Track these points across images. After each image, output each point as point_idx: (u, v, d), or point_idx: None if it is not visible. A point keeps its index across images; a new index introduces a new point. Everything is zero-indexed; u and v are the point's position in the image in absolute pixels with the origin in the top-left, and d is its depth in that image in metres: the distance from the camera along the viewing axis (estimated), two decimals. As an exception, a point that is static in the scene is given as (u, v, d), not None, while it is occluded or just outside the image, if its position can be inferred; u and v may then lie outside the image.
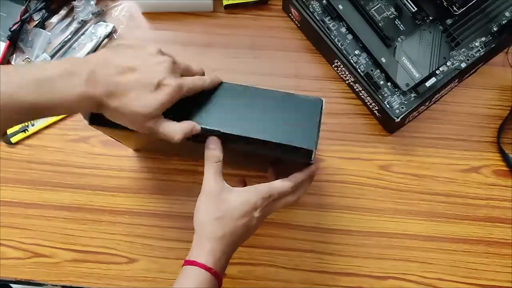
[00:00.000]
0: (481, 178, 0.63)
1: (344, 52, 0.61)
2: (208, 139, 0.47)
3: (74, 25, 0.68)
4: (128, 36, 0.68)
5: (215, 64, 0.66)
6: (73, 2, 0.68)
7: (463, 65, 0.60)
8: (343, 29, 0.61)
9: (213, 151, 0.46)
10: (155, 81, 0.42)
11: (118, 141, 0.60)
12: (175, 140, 0.44)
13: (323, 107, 0.47)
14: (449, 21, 0.60)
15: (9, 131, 0.65)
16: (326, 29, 0.61)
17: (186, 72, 0.47)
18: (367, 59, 0.60)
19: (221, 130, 0.46)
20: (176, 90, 0.43)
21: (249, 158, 0.54)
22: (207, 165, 0.46)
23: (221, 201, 0.44)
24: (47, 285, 0.62)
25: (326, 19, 0.62)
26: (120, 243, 0.62)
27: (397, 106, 0.59)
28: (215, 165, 0.46)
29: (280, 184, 0.46)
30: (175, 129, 0.44)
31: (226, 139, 0.47)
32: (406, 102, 0.59)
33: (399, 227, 0.62)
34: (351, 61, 0.61)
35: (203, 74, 0.50)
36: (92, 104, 0.42)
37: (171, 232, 0.62)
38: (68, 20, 0.68)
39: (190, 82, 0.45)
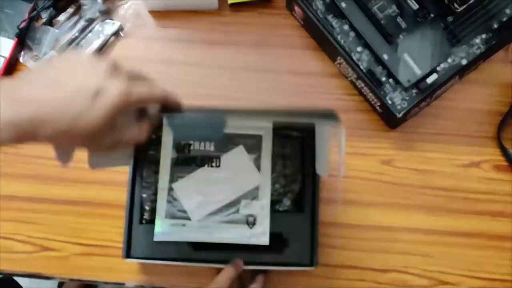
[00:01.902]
0: (481, 173, 0.64)
1: (347, 49, 0.62)
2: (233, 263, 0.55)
3: (81, 23, 0.69)
4: (135, 34, 0.70)
5: (219, 61, 0.67)
6: (81, 0, 0.69)
7: (464, 61, 0.61)
8: (346, 27, 0.62)
9: (235, 265, 0.54)
10: (91, 89, 0.33)
11: None
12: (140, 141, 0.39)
13: None
14: (450, 18, 0.61)
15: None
16: (329, 27, 0.62)
17: (137, 79, 0.38)
18: (369, 56, 0.61)
19: None
20: (122, 95, 0.34)
21: None
22: (225, 273, 0.54)
23: None
24: (56, 278, 0.63)
25: (329, 17, 0.63)
26: (127, 236, 0.63)
27: (399, 102, 0.60)
28: (232, 272, 0.54)
29: None
30: (135, 134, 0.39)
31: None
32: (407, 98, 0.60)
33: (401, 221, 0.63)
34: (354, 58, 0.62)
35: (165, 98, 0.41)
36: (18, 133, 0.33)
37: (177, 226, 0.63)
38: (76, 18, 0.69)
39: (142, 87, 0.37)
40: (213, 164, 0.57)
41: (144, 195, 0.58)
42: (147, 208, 0.58)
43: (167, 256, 0.57)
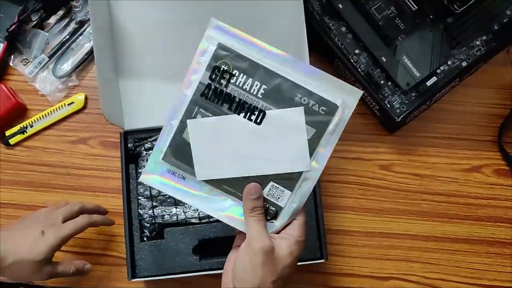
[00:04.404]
0: (482, 178, 0.63)
1: (344, 51, 0.60)
2: (247, 187, 0.41)
3: (72, 25, 0.67)
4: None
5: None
6: (72, 2, 0.67)
7: (464, 64, 0.59)
8: (343, 28, 0.61)
9: (255, 201, 0.40)
10: (36, 232, 0.51)
11: None
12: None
13: None
14: (449, 20, 0.60)
15: (8, 132, 0.64)
16: (326, 29, 0.61)
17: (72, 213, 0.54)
18: (367, 59, 0.60)
19: None
20: (56, 238, 0.51)
21: None
22: (251, 219, 0.40)
23: (274, 262, 0.40)
24: (47, 287, 0.61)
25: (326, 18, 0.61)
26: (120, 244, 0.61)
27: (398, 105, 0.59)
28: (260, 217, 0.41)
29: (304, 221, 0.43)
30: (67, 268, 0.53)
31: None
32: (406, 102, 0.59)
33: (401, 227, 0.61)
34: (351, 60, 0.60)
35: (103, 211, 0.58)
36: None
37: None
38: (66, 20, 0.68)
39: (72, 227, 0.53)
40: (252, 117, 0.41)
41: (141, 212, 0.57)
42: (146, 224, 0.57)
43: (174, 271, 0.55)
